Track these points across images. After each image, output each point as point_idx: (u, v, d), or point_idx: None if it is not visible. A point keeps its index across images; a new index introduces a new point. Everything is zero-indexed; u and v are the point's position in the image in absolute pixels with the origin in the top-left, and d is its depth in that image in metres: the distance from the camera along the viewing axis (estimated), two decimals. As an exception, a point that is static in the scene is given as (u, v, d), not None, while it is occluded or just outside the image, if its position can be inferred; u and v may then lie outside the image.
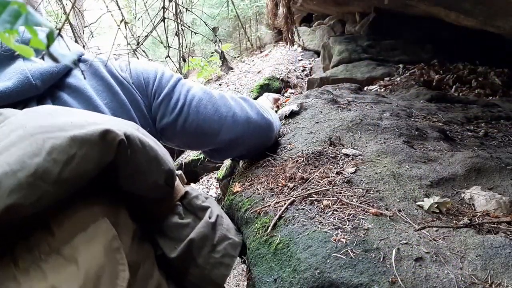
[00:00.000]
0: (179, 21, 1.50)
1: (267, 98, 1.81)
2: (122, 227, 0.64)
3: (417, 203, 0.96)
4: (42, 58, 0.30)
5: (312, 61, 4.86)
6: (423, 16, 3.27)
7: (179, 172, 0.88)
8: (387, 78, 3.08)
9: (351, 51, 3.62)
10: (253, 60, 6.22)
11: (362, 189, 1.02)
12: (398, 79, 2.99)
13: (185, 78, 1.16)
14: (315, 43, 5.17)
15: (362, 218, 0.88)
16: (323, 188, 1.02)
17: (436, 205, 0.93)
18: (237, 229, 1.00)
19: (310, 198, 0.99)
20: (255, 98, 1.92)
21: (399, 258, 0.76)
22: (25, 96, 0.83)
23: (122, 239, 0.62)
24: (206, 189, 3.07)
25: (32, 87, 0.83)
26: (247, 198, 1.09)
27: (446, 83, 2.84)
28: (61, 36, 0.73)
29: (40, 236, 0.57)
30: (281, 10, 3.65)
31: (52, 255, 0.56)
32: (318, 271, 0.76)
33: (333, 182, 1.06)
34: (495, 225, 0.87)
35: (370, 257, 0.76)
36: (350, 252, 0.78)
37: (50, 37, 0.29)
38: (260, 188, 1.11)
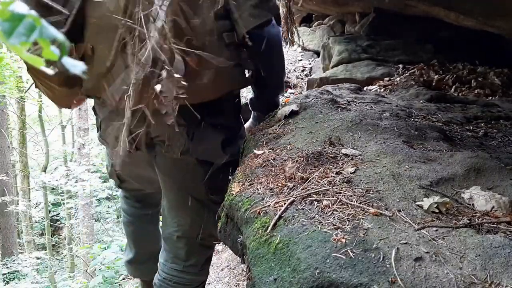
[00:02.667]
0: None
1: None
2: None
3: (417, 203, 0.96)
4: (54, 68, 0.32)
5: (312, 61, 4.84)
6: (423, 16, 3.27)
7: None
8: (387, 78, 3.08)
9: (351, 51, 3.61)
10: (253, 60, 6.19)
11: (362, 189, 1.02)
12: (398, 79, 2.98)
13: None
14: (315, 43, 5.16)
15: (362, 218, 0.88)
16: (323, 188, 1.03)
17: (435, 205, 0.94)
18: None
19: (310, 198, 0.99)
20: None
21: (398, 258, 0.76)
22: None
23: None
24: (206, 189, 3.06)
25: None
26: (247, 198, 1.09)
27: (445, 83, 2.84)
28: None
29: None
30: (281, 10, 3.64)
31: None
32: (317, 271, 0.76)
33: (332, 182, 1.06)
34: (494, 225, 0.87)
35: (369, 257, 0.76)
36: (350, 252, 0.78)
37: (63, 48, 0.30)
38: (260, 188, 1.11)
